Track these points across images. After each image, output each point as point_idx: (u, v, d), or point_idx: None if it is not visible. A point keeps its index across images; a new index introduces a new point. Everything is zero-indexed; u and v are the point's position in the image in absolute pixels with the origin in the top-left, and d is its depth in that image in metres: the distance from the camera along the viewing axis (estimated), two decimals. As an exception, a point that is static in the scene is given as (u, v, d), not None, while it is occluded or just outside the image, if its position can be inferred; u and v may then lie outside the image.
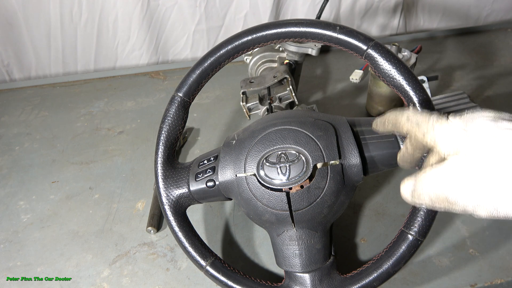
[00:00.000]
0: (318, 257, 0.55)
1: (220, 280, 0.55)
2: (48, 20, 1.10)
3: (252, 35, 0.56)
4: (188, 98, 0.59)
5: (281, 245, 0.56)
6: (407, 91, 0.52)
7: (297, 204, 0.52)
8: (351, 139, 0.54)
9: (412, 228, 0.52)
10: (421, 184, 0.35)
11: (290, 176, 0.52)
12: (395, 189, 0.78)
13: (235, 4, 1.14)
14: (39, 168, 0.89)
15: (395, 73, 0.52)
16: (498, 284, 0.63)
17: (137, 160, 0.89)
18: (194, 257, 0.56)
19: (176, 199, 0.58)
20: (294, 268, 0.55)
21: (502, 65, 1.07)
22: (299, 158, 0.52)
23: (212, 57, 0.57)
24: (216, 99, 1.04)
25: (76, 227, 0.77)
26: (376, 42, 0.53)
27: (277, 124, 0.56)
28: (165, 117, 0.59)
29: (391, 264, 0.52)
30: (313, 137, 0.53)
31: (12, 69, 1.19)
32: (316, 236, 0.55)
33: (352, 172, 0.54)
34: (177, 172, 0.59)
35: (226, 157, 0.57)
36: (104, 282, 0.68)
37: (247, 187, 0.54)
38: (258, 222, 0.58)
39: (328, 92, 1.04)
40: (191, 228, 0.58)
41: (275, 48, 0.86)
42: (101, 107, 1.05)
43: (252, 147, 0.55)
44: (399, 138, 0.54)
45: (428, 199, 0.35)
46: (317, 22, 0.55)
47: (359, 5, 1.20)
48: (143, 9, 1.10)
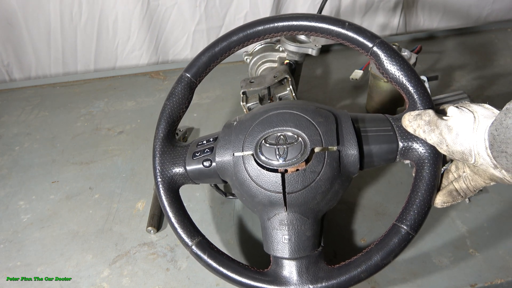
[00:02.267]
0: (307, 244, 0.54)
1: (205, 260, 0.55)
2: (48, 20, 1.10)
3: (265, 25, 0.58)
4: (195, 79, 0.60)
5: (271, 229, 0.55)
6: (409, 90, 0.54)
7: (291, 186, 0.52)
8: (351, 128, 0.55)
9: (405, 222, 0.52)
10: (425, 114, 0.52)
11: (287, 158, 0.53)
12: (395, 189, 0.78)
13: (235, 4, 1.14)
14: (39, 168, 0.89)
15: (399, 71, 0.54)
16: (498, 284, 0.63)
17: (137, 160, 0.89)
18: (181, 235, 0.56)
19: (171, 176, 0.58)
20: (282, 253, 0.54)
21: (502, 65, 1.07)
22: (298, 141, 0.53)
23: (224, 42, 0.59)
24: (216, 99, 1.04)
25: (76, 227, 0.77)
26: (382, 40, 0.55)
27: (279, 108, 0.57)
28: (171, 94, 0.60)
29: (381, 257, 0.52)
30: (313, 122, 0.54)
31: (12, 69, 1.19)
32: (307, 223, 0.55)
33: (348, 161, 0.54)
34: (175, 149, 0.60)
35: (226, 137, 0.57)
36: (104, 282, 0.68)
37: (243, 166, 0.54)
38: (250, 205, 0.58)
39: (328, 92, 1.04)
40: (182, 206, 0.58)
41: (275, 48, 0.86)
42: (101, 107, 1.05)
43: (252, 127, 0.55)
44: (398, 133, 0.54)
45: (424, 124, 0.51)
46: (327, 18, 0.56)
47: (359, 5, 1.20)
48: (143, 9, 1.10)
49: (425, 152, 0.53)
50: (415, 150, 0.53)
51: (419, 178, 0.53)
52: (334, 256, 0.68)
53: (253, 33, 0.58)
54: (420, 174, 0.53)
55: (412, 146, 0.54)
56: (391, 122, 0.56)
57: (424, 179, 0.52)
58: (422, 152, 0.53)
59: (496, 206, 0.73)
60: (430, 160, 0.52)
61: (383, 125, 0.56)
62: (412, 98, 0.54)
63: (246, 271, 0.55)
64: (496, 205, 0.73)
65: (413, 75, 0.54)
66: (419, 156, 0.53)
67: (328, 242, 0.68)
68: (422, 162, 0.53)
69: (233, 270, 0.55)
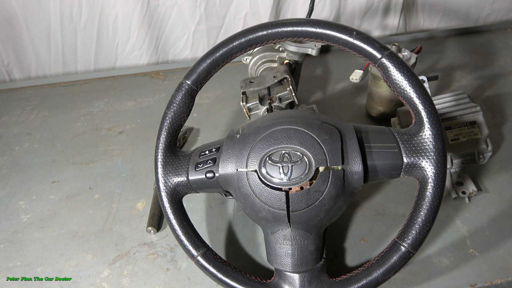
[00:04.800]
0: (309, 259, 0.55)
1: (210, 271, 0.56)
2: (48, 20, 1.10)
3: (268, 30, 0.56)
4: (195, 87, 0.59)
5: (275, 243, 0.56)
6: (417, 106, 0.53)
7: (295, 205, 0.52)
8: (356, 146, 0.54)
9: (406, 240, 0.52)
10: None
11: (292, 177, 0.52)
12: (395, 189, 0.78)
13: (235, 4, 1.14)
14: (39, 168, 0.89)
15: (408, 86, 0.52)
16: (498, 284, 0.63)
17: (137, 160, 0.89)
18: (186, 246, 0.57)
19: (174, 186, 0.58)
20: (285, 267, 0.55)
21: (502, 65, 1.07)
22: (302, 160, 0.52)
23: (225, 47, 0.57)
24: (216, 99, 1.04)
25: (76, 227, 0.77)
26: (391, 51, 0.53)
27: (284, 123, 0.55)
28: (170, 103, 0.59)
29: (381, 273, 0.53)
30: (318, 140, 0.53)
31: (12, 69, 1.19)
32: (310, 238, 0.55)
33: (353, 179, 0.54)
34: (177, 159, 0.59)
35: (229, 150, 0.57)
36: (104, 282, 0.68)
37: (247, 182, 0.54)
38: (254, 218, 0.58)
39: (328, 92, 1.04)
40: (186, 216, 0.58)
41: (275, 48, 0.86)
42: (101, 107, 1.05)
43: (256, 143, 0.55)
44: (402, 149, 0.54)
45: None
46: (334, 25, 0.54)
47: (359, 5, 1.20)
48: (143, 9, 1.10)
49: (429, 172, 0.52)
50: (419, 168, 0.53)
51: (422, 197, 0.52)
52: (334, 256, 0.68)
53: (256, 38, 0.57)
54: (423, 193, 0.52)
55: (416, 164, 0.53)
56: (396, 137, 0.55)
57: (427, 199, 0.52)
58: (426, 171, 0.52)
59: (496, 206, 0.73)
60: (434, 180, 0.52)
61: (388, 141, 0.55)
62: (419, 115, 0.53)
63: (250, 282, 0.56)
64: (496, 205, 0.73)
65: (421, 91, 0.52)
66: (423, 175, 0.52)
67: (328, 242, 0.68)
68: (426, 181, 0.52)
69: (238, 281, 0.55)
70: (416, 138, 0.53)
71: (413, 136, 0.54)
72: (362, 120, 0.94)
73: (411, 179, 0.55)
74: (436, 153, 0.52)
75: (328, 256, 0.68)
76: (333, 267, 0.67)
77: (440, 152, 0.52)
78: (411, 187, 0.78)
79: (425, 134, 0.53)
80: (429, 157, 0.52)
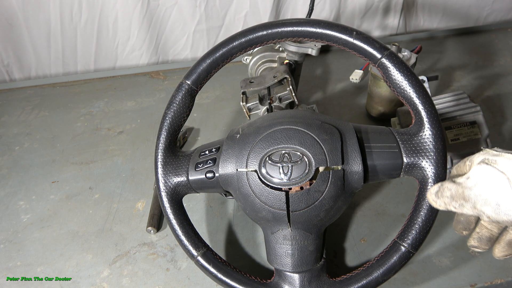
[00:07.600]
0: (309, 259, 0.55)
1: (210, 271, 0.56)
2: (48, 20, 1.10)
3: (268, 30, 0.56)
4: (195, 87, 0.59)
5: (274, 243, 0.56)
6: (417, 107, 0.53)
7: (295, 205, 0.52)
8: (356, 146, 0.54)
9: (406, 240, 0.52)
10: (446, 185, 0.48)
11: (292, 177, 0.52)
12: (395, 189, 0.78)
13: (235, 4, 1.14)
14: (39, 168, 0.89)
15: (408, 86, 0.53)
16: (498, 284, 0.63)
17: (137, 160, 0.89)
18: (186, 246, 0.57)
19: (174, 186, 0.58)
20: (285, 267, 0.55)
21: (502, 65, 1.07)
22: (302, 160, 0.52)
23: (225, 47, 0.57)
24: (216, 99, 1.04)
25: (76, 227, 0.77)
26: (391, 51, 0.53)
27: (284, 123, 0.55)
28: (170, 103, 0.59)
29: (381, 273, 0.53)
30: (318, 140, 0.53)
31: (12, 69, 1.19)
32: (310, 238, 0.55)
33: (353, 179, 0.54)
34: (177, 159, 0.59)
35: (229, 150, 0.57)
36: (104, 282, 0.68)
37: (246, 182, 0.54)
38: (253, 218, 0.58)
39: (328, 92, 1.04)
40: (186, 217, 0.58)
41: (275, 48, 0.86)
42: (101, 107, 1.05)
43: (256, 143, 0.55)
44: (402, 149, 0.54)
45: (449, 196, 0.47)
46: (334, 25, 0.54)
47: (359, 5, 1.20)
48: (143, 9, 1.10)
49: (429, 172, 0.52)
50: (419, 168, 0.53)
51: (422, 197, 0.52)
52: (335, 256, 0.68)
53: (256, 38, 0.56)
54: (423, 194, 0.52)
55: (416, 164, 0.53)
56: (396, 137, 0.55)
57: (426, 199, 0.52)
58: (426, 171, 0.52)
59: (496, 206, 0.73)
60: (434, 180, 0.52)
61: (388, 141, 0.55)
62: (419, 115, 0.53)
63: (250, 282, 0.56)
64: (496, 205, 0.73)
65: (421, 91, 0.52)
66: (423, 175, 0.52)
67: (328, 242, 0.68)
68: (426, 181, 0.52)
69: (238, 281, 0.55)
70: (416, 138, 0.53)
71: (413, 136, 0.54)
72: (362, 120, 0.94)
73: (411, 179, 0.55)
74: (436, 153, 0.52)
75: (328, 256, 0.68)
76: (333, 267, 0.67)
77: (440, 152, 0.52)
78: (411, 187, 0.78)
79: (425, 134, 0.53)
80: (429, 157, 0.52)
